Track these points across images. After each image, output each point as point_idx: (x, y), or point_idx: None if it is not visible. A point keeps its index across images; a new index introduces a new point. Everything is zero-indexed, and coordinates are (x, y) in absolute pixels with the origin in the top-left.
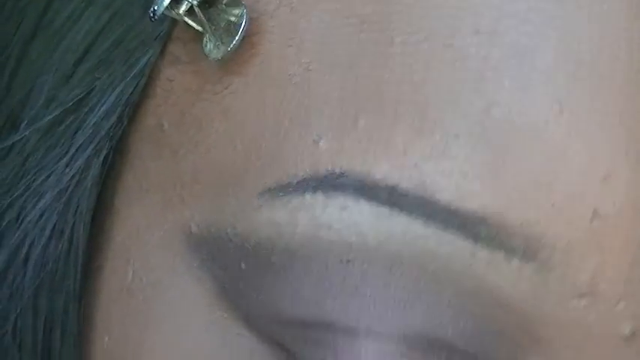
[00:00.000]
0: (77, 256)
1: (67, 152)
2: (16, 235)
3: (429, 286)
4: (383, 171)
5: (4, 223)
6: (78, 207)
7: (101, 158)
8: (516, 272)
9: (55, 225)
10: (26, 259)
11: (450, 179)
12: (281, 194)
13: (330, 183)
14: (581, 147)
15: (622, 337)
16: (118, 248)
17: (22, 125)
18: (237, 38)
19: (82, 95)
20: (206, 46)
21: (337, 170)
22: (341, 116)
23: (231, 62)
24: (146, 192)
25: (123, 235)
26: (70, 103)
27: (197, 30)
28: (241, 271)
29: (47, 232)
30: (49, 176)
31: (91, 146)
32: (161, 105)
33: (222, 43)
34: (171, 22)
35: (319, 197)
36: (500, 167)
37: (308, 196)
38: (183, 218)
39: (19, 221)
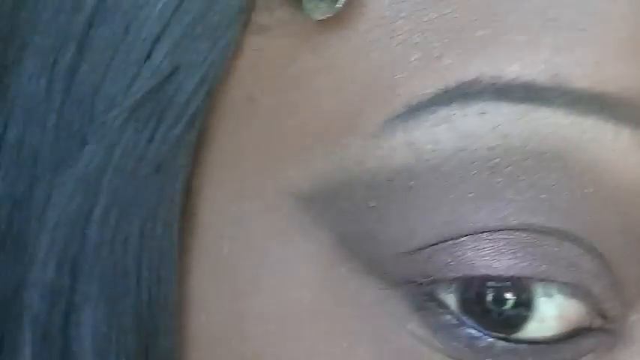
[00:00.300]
0: (172, 238)
1: (155, 132)
2: (111, 220)
3: (572, 181)
4: (515, 70)
5: (95, 209)
6: (170, 188)
7: (191, 136)
8: None
9: (149, 208)
10: (125, 244)
11: (584, 67)
12: (413, 115)
13: (464, 92)
14: None
15: None
16: (205, 227)
17: (97, 111)
18: None
19: (166, 75)
20: (306, 7)
21: (468, 78)
22: (458, 32)
23: (328, 17)
24: (234, 164)
25: (209, 212)
26: (155, 84)
27: None
28: (369, 211)
29: (142, 216)
30: (139, 158)
31: (180, 124)
32: (246, 77)
33: (322, 1)
34: None
35: (455, 108)
36: (631, 53)
37: (443, 110)
38: (289, 178)
39: (112, 207)
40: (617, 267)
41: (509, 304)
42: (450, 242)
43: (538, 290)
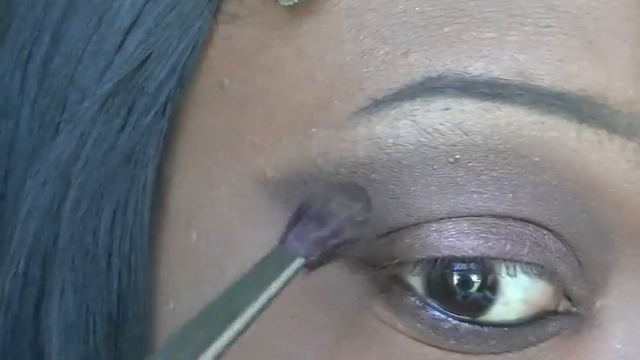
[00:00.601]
0: (143, 227)
1: (126, 122)
2: (82, 209)
3: (535, 177)
4: (480, 67)
5: (67, 199)
6: (141, 177)
7: (161, 125)
8: (618, 151)
9: (119, 197)
10: (95, 233)
11: (548, 65)
12: (378, 109)
13: (429, 87)
14: None
15: None
16: (174, 215)
17: (69, 101)
18: None
19: (137, 64)
20: None
21: (434, 74)
22: (425, 27)
23: (300, 5)
24: (205, 152)
25: (178, 200)
26: (126, 73)
27: None
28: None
29: (112, 205)
30: (110, 148)
31: (151, 114)
32: (216, 65)
33: None
34: None
35: (419, 103)
36: (595, 50)
37: (407, 105)
38: (257, 165)
39: (83, 196)
40: (582, 252)
41: (475, 286)
42: (413, 227)
43: (503, 272)
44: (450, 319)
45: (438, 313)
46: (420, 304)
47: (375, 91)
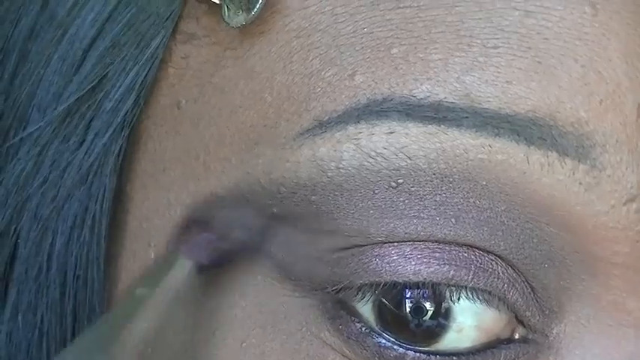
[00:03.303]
0: (100, 246)
1: (83, 141)
2: (38, 228)
3: (481, 201)
4: (425, 89)
5: (23, 219)
6: (98, 195)
7: (119, 144)
8: (570, 174)
9: (76, 216)
10: (50, 253)
11: (495, 87)
12: (322, 131)
13: (373, 111)
14: (619, 45)
15: None
16: (134, 234)
17: (31, 119)
18: (259, 2)
19: (95, 82)
20: (225, 14)
21: (379, 96)
22: (373, 49)
23: (252, 25)
24: (163, 171)
25: (139, 219)
26: (84, 92)
27: (211, 3)
28: (272, 217)
29: (69, 224)
30: (67, 167)
31: (108, 132)
32: (175, 84)
33: (242, 9)
34: (182, 1)
35: (363, 126)
36: (545, 71)
37: (351, 128)
38: (209, 186)
39: (39, 215)
40: (534, 277)
41: (428, 314)
42: (355, 250)
43: (455, 299)
44: (395, 347)
45: (383, 341)
46: (366, 330)
47: (321, 113)
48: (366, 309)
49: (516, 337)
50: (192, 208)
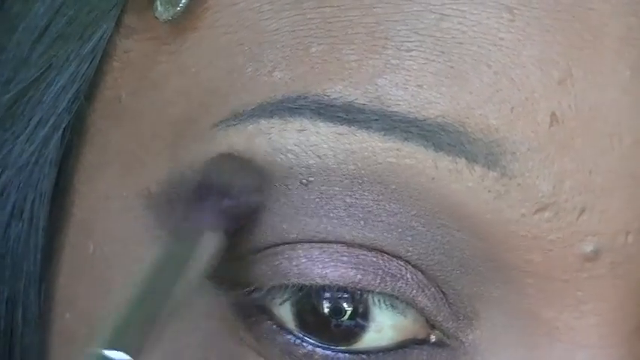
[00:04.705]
0: (37, 236)
1: (25, 129)
2: None
3: (391, 205)
4: (338, 89)
5: None
6: (37, 185)
7: (59, 134)
8: (479, 181)
9: (14, 203)
10: None
11: (405, 91)
12: (235, 122)
13: (287, 107)
14: (535, 52)
15: (583, 256)
16: (78, 225)
17: None
18: None
19: (39, 73)
20: (157, 9)
21: (293, 94)
22: (293, 47)
23: (185, 21)
24: (106, 164)
25: (83, 211)
26: (28, 82)
27: None
28: None
29: (7, 211)
30: (8, 154)
31: (50, 122)
32: (118, 78)
33: (171, 4)
34: None
35: (276, 122)
36: (457, 75)
37: (264, 122)
38: (143, 180)
39: None
40: (446, 283)
41: (345, 314)
42: (269, 251)
43: (374, 300)
44: (304, 344)
45: (292, 338)
46: (276, 328)
47: (237, 105)
48: (284, 310)
49: (432, 339)
50: (128, 204)
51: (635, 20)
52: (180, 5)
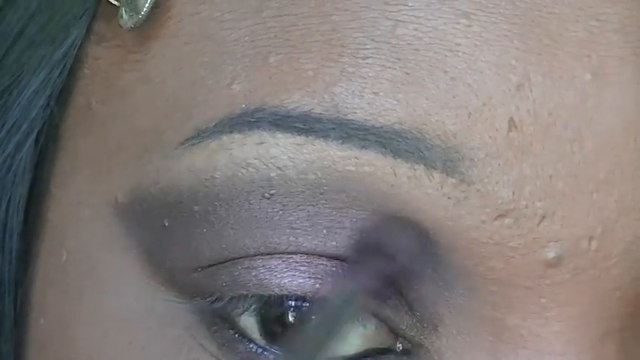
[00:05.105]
0: (12, 242)
1: None
2: None
3: (352, 212)
4: (295, 99)
5: None
6: (11, 191)
7: (32, 140)
8: (438, 187)
9: None
10: None
11: (361, 98)
12: (199, 140)
13: (246, 121)
14: (493, 57)
15: (546, 262)
16: (52, 231)
17: None
18: (146, 5)
19: (12, 80)
20: (121, 17)
21: (252, 107)
22: (252, 57)
23: (149, 29)
24: (77, 171)
25: (58, 217)
26: (2, 88)
27: (115, 4)
28: (165, 229)
29: None
30: None
31: (22, 128)
32: (89, 84)
33: (135, 12)
34: (96, 1)
35: (236, 136)
36: (413, 82)
37: (225, 137)
38: (111, 189)
39: None
40: (406, 288)
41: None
42: (228, 263)
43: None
44: (265, 352)
45: (254, 347)
46: (238, 337)
47: (200, 122)
48: (247, 319)
49: (399, 349)
50: (98, 211)
51: (597, 24)
52: (143, 13)
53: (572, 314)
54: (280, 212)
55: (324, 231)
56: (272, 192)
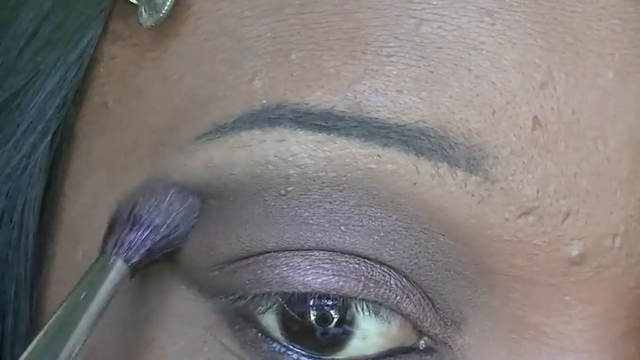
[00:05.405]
0: (27, 242)
1: (13, 135)
2: None
3: (371, 210)
4: (317, 97)
5: None
6: (27, 192)
7: (47, 140)
8: (461, 185)
9: (4, 210)
10: None
11: (385, 96)
12: (217, 136)
13: (266, 117)
14: (516, 55)
15: (569, 260)
16: (68, 232)
17: None
18: (168, 3)
19: (27, 80)
20: (141, 16)
21: (273, 104)
22: (273, 54)
23: (168, 27)
24: (93, 171)
25: (72, 218)
26: (17, 88)
27: (133, 4)
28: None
29: None
30: None
31: (38, 128)
32: (105, 84)
33: (155, 11)
34: (112, 1)
35: (255, 133)
36: (437, 80)
37: (244, 134)
38: (128, 188)
39: None
40: (431, 288)
41: (332, 322)
42: (251, 260)
43: (357, 307)
44: (290, 352)
45: (277, 346)
46: (262, 336)
47: (218, 118)
48: (269, 318)
49: (422, 346)
50: (115, 210)
51: (619, 23)
52: (164, 11)
53: (594, 312)
54: (295, 208)
55: (342, 228)
56: (289, 189)
